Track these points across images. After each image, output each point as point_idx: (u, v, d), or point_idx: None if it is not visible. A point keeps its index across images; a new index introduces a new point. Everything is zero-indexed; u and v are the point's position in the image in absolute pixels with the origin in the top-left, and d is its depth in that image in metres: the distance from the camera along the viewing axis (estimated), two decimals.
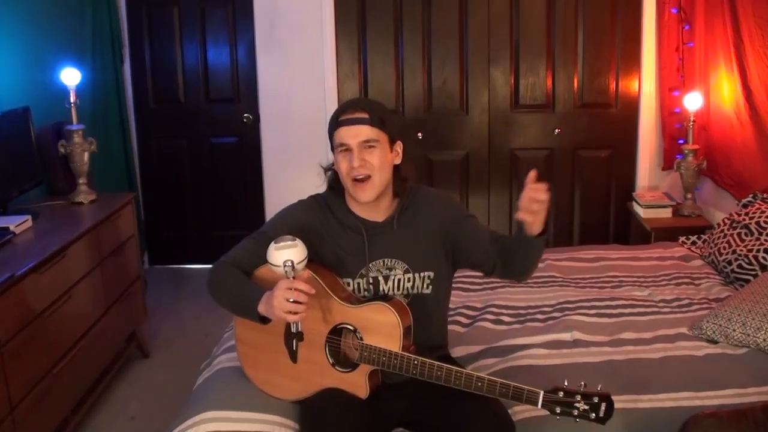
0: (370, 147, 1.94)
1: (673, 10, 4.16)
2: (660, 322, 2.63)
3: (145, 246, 4.69)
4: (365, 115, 1.94)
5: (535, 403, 1.75)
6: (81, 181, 3.45)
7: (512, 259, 2.01)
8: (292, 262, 1.82)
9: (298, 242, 1.85)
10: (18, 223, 2.90)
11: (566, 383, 1.77)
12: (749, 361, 2.34)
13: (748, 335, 2.40)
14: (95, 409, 3.17)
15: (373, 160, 1.94)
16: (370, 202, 1.98)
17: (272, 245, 1.85)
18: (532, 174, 1.79)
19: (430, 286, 2.06)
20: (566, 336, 2.53)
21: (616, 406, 1.75)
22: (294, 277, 1.82)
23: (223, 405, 2.02)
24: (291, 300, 1.79)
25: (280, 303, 1.80)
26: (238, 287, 1.96)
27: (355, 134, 1.94)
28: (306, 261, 1.87)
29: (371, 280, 2.04)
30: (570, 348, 2.45)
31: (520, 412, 2.01)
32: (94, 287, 3.12)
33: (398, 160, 2.02)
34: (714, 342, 2.46)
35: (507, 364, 2.34)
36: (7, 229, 2.84)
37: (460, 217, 2.09)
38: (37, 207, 3.26)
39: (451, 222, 2.06)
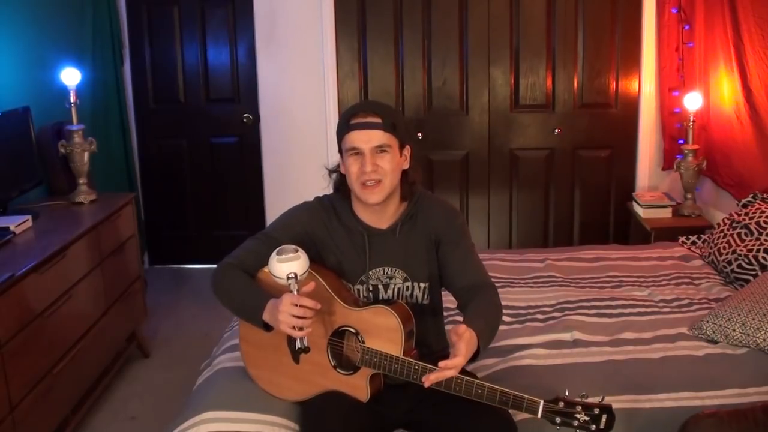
0: (383, 152, 1.93)
1: (673, 10, 4.16)
2: (660, 322, 2.63)
3: (145, 246, 4.69)
4: (378, 120, 1.92)
5: (535, 413, 1.74)
6: (81, 181, 3.45)
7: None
8: (296, 274, 1.80)
9: (301, 253, 1.84)
10: (18, 223, 2.90)
11: (567, 393, 1.75)
12: (749, 361, 2.34)
13: (748, 335, 2.40)
14: (95, 409, 3.17)
15: (385, 165, 1.93)
16: (378, 204, 1.97)
17: (275, 256, 1.83)
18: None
19: (428, 297, 2.06)
20: (566, 336, 2.53)
21: (616, 406, 1.75)
22: (298, 290, 1.81)
23: (223, 405, 2.02)
24: (297, 315, 1.78)
25: (285, 318, 1.79)
26: (243, 292, 1.95)
27: (367, 139, 1.92)
28: (308, 270, 1.85)
29: (371, 288, 2.03)
30: (570, 348, 2.45)
31: (520, 412, 2.01)
32: (94, 287, 3.11)
33: (406, 165, 2.01)
34: (714, 342, 2.46)
35: (507, 364, 2.34)
36: (7, 229, 2.84)
37: (456, 236, 2.04)
38: (37, 207, 3.26)
39: (445, 236, 2.03)
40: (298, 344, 1.80)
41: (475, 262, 2.05)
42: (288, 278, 1.80)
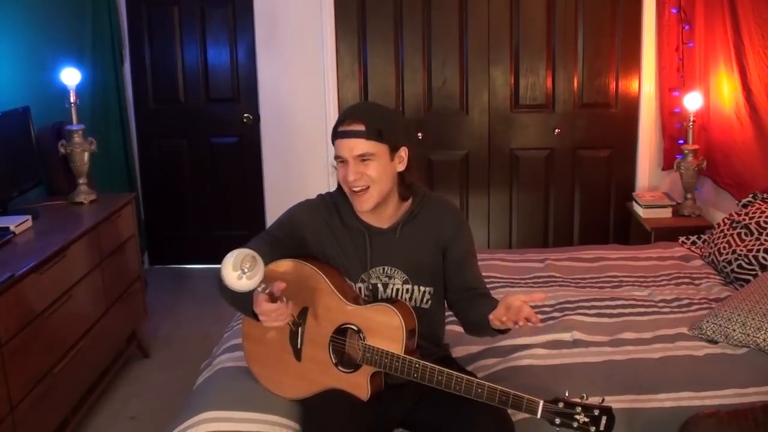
0: (365, 160, 1.91)
1: (673, 10, 4.16)
2: (660, 322, 2.63)
3: (145, 246, 4.69)
4: (361, 128, 1.89)
5: (535, 413, 1.74)
6: (81, 181, 3.45)
7: (468, 319, 2.04)
8: (264, 284, 1.77)
9: (258, 259, 1.73)
10: (18, 223, 2.90)
11: (567, 394, 1.75)
12: (749, 361, 2.34)
13: (748, 335, 2.40)
14: (95, 409, 3.17)
15: (370, 173, 1.91)
16: (370, 211, 1.97)
17: (234, 275, 1.70)
18: (542, 297, 1.92)
19: (430, 302, 2.06)
20: (566, 336, 2.53)
21: (616, 406, 1.75)
22: (269, 291, 1.79)
23: (223, 405, 2.02)
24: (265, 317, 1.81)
25: (263, 318, 1.83)
26: None
27: (350, 148, 1.91)
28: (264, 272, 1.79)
29: (370, 287, 2.03)
30: (570, 348, 2.45)
31: (519, 412, 2.01)
32: (94, 287, 3.11)
33: (402, 167, 1.99)
34: (714, 342, 2.46)
35: (507, 364, 2.34)
36: (7, 229, 2.84)
37: (460, 240, 2.05)
38: (37, 207, 3.26)
39: (450, 239, 2.04)
40: (292, 327, 1.87)
41: (478, 271, 2.09)
42: (257, 290, 1.78)
